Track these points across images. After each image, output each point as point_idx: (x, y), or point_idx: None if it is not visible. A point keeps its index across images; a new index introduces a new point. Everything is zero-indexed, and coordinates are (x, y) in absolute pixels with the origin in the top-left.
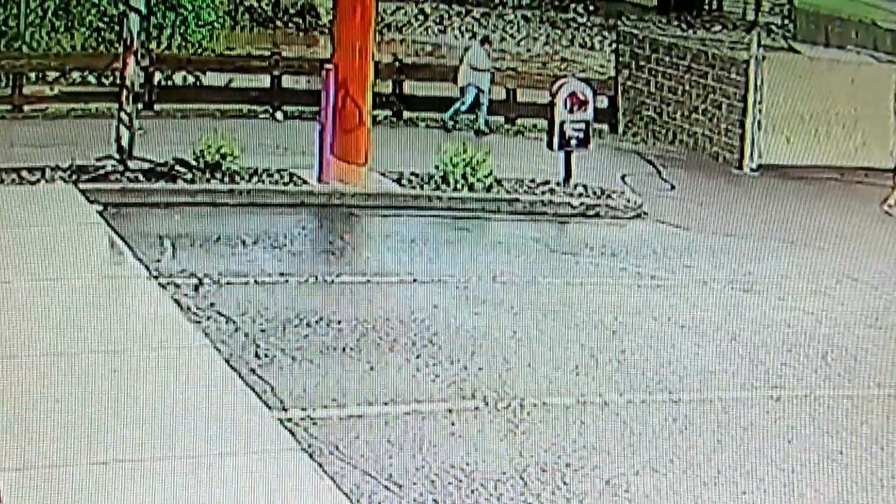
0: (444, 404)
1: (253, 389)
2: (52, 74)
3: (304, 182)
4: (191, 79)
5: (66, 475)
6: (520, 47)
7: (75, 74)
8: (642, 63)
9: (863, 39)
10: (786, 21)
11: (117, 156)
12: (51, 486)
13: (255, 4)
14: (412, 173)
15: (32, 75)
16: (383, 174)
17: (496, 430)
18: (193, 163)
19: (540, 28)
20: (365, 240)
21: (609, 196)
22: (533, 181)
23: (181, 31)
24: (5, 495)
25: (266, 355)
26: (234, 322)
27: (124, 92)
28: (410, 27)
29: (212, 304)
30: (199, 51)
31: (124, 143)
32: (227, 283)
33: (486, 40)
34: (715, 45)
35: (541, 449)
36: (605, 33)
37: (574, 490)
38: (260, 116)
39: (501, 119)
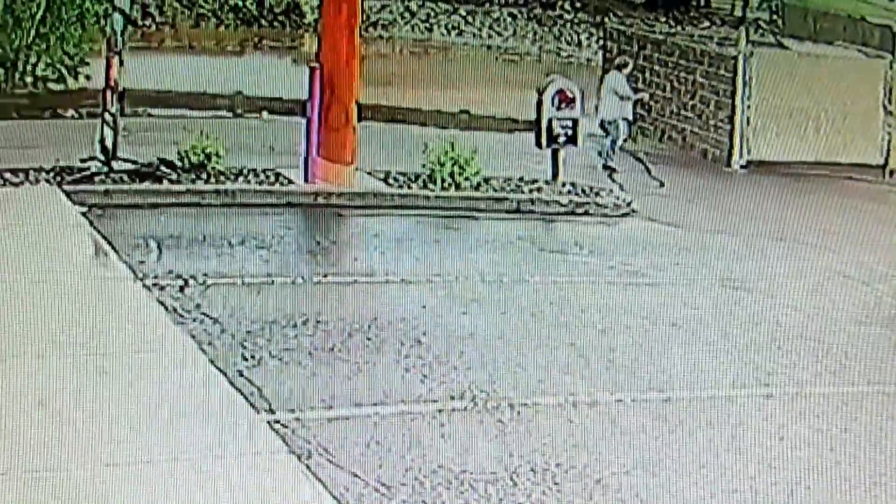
0: (432, 405)
1: (240, 391)
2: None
3: (291, 182)
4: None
5: (51, 480)
6: (506, 44)
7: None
8: (630, 60)
9: (851, 35)
10: (774, 17)
11: (101, 157)
12: (36, 490)
13: (240, 3)
14: (399, 172)
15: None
16: (370, 173)
17: (485, 430)
18: (178, 163)
19: (527, 25)
20: (352, 240)
21: (597, 194)
22: (521, 179)
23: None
24: None
25: (253, 357)
26: (220, 323)
27: (108, 93)
28: (396, 25)
29: (197, 306)
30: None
31: (108, 143)
32: (213, 284)
33: (623, 65)
34: (703, 42)
35: (531, 449)
36: (593, 30)
37: (564, 490)
38: (245, 116)
39: None
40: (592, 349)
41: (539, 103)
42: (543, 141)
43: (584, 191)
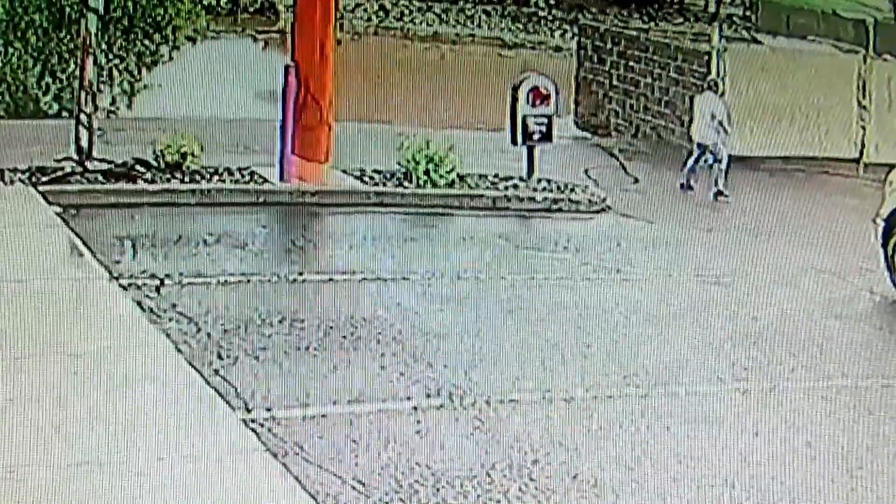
0: (408, 402)
1: (216, 390)
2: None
3: (266, 181)
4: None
5: (26, 479)
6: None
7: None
8: (604, 56)
9: (825, 30)
10: (747, 12)
11: (76, 157)
12: (10, 490)
13: (214, 2)
14: (374, 170)
15: None
16: (345, 171)
17: (462, 427)
18: (153, 163)
19: (501, 22)
20: (327, 238)
21: (573, 190)
22: (496, 176)
23: None
24: None
25: (229, 356)
26: (196, 323)
27: (83, 93)
28: (371, 23)
29: (173, 305)
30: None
31: (83, 143)
32: (189, 284)
33: (715, 85)
34: (677, 38)
35: (507, 445)
36: (567, 26)
37: (541, 486)
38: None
39: None
40: (568, 345)
41: (513, 100)
42: (518, 138)
43: (558, 187)
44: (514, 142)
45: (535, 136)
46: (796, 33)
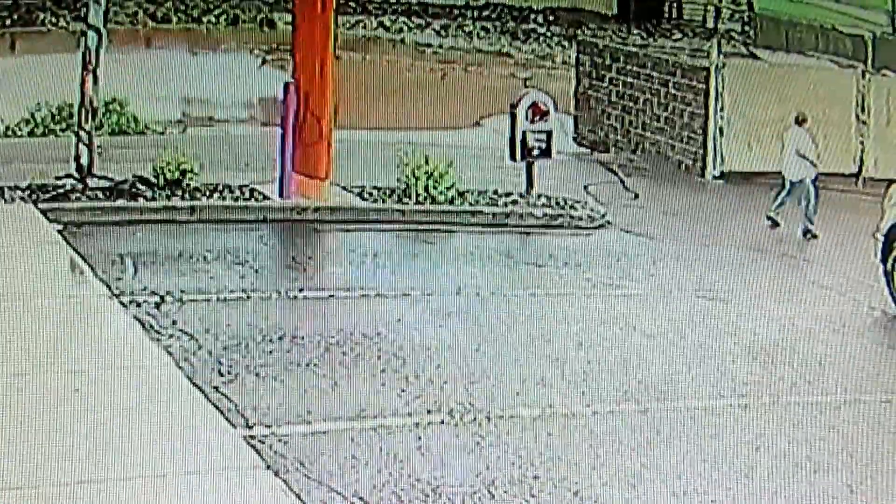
0: (409, 419)
1: (217, 407)
2: None
3: (266, 197)
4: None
5: (28, 497)
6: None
7: None
8: (603, 72)
9: (823, 45)
10: (746, 27)
11: (77, 174)
12: None
13: (214, 20)
14: (374, 187)
15: None
16: (345, 188)
17: (463, 443)
18: (153, 180)
19: (500, 39)
20: (328, 254)
21: (572, 206)
22: (496, 192)
23: None
24: None
25: (229, 372)
26: (196, 340)
27: (83, 110)
28: (370, 39)
29: (174, 322)
30: None
31: (84, 161)
32: (190, 301)
33: (803, 120)
34: (675, 53)
35: (508, 462)
36: (566, 43)
37: (542, 502)
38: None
39: None
40: (569, 361)
41: (513, 117)
42: (518, 154)
43: (558, 203)
44: (513, 158)
45: (535, 152)
46: (795, 48)
